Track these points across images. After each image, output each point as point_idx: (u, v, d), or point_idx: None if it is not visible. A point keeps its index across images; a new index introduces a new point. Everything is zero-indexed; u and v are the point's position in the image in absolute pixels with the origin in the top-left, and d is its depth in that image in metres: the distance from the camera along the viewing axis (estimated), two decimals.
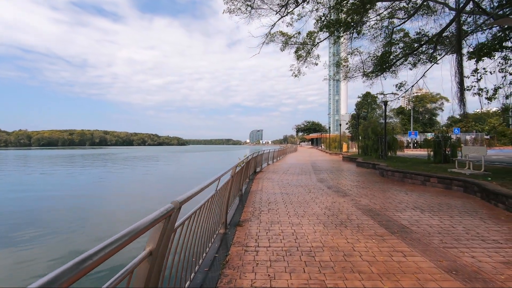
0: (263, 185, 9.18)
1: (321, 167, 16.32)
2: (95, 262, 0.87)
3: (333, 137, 50.66)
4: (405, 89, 13.64)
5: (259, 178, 11.21)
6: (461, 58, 8.16)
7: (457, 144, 13.43)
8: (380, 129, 18.35)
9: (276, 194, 7.59)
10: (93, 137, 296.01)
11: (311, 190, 8.10)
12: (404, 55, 13.59)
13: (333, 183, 9.64)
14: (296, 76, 15.62)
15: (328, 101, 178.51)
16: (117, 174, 25.81)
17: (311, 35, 15.65)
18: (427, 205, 6.08)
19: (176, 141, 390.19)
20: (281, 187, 8.72)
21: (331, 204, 6.21)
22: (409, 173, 9.52)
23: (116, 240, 1.01)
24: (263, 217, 5.19)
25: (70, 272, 0.77)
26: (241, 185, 7.44)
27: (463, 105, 8.38)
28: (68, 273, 0.77)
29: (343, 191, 7.89)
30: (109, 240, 0.98)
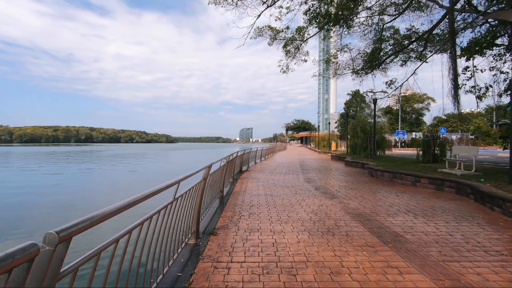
0: (247, 186, 8.63)
1: (309, 166, 15.92)
2: None
3: (322, 136, 50.58)
4: (395, 86, 13.36)
5: (244, 177, 10.65)
6: (455, 53, 7.83)
7: (446, 143, 13.24)
8: (369, 127, 18.09)
9: (260, 196, 7.06)
10: (78, 134, 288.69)
11: (298, 192, 7.61)
12: (395, 52, 13.29)
13: (321, 183, 9.19)
14: (285, 72, 15.11)
15: (318, 100, 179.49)
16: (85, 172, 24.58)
17: (300, 30, 15.17)
18: (420, 208, 5.67)
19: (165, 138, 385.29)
20: (266, 188, 8.19)
21: (318, 208, 5.72)
22: (399, 173, 9.17)
23: None
24: (242, 223, 4.64)
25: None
26: (222, 186, 6.88)
27: (457, 103, 8.07)
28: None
29: (331, 193, 7.43)
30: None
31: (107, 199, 12.61)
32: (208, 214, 5.08)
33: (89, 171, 25.33)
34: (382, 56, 13.52)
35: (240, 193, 7.36)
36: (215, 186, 5.92)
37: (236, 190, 7.84)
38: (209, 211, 5.21)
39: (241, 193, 7.44)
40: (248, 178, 10.41)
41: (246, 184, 9.06)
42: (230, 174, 9.59)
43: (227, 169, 7.79)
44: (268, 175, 11.35)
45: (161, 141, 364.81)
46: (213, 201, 5.90)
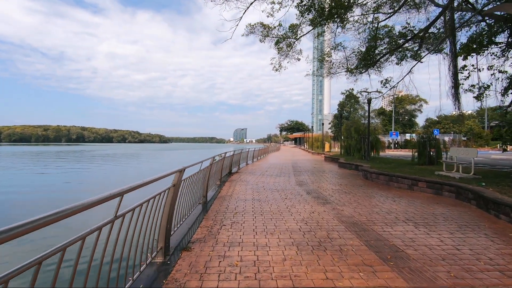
0: (235, 189, 8.06)
1: (302, 167, 15.43)
2: None
3: (316, 137, 50.30)
4: (390, 85, 12.95)
5: (233, 180, 10.08)
6: (455, 49, 7.41)
7: (442, 145, 12.89)
8: (363, 128, 17.70)
9: (247, 201, 6.50)
10: (69, 133, 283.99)
11: (288, 196, 7.07)
12: (390, 51, 12.88)
13: (313, 186, 8.68)
14: (277, 70, 14.60)
15: (312, 101, 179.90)
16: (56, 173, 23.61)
17: (293, 28, 14.70)
18: (420, 216, 5.18)
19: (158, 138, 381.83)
20: (254, 192, 7.64)
21: (309, 216, 5.18)
22: (395, 176, 8.71)
23: None
24: (222, 235, 4.08)
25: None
26: (205, 190, 6.30)
27: (457, 102, 7.64)
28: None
29: (324, 197, 6.91)
30: None
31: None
32: (185, 223, 4.50)
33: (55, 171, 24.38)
34: (377, 55, 13.12)
35: (225, 198, 6.79)
36: (196, 191, 5.35)
37: (222, 195, 7.27)
38: (186, 220, 4.63)
39: (227, 197, 6.87)
40: (237, 181, 9.84)
41: (234, 187, 8.49)
42: (217, 177, 9.02)
43: (212, 172, 7.23)
44: (258, 178, 10.80)
45: (154, 141, 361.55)
46: (194, 207, 5.33)
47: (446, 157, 12.65)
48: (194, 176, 4.84)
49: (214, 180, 8.41)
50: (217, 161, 8.26)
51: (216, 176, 8.75)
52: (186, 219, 4.63)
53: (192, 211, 5.19)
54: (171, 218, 3.40)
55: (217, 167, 8.34)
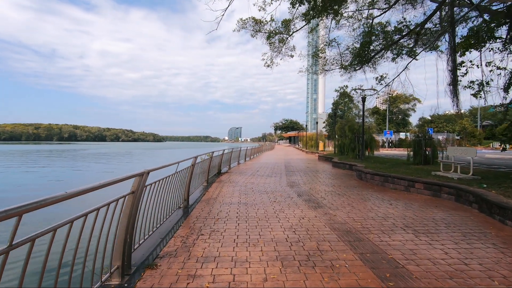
0: (221, 192, 7.54)
1: (295, 167, 14.96)
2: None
3: (310, 136, 49.99)
4: (385, 82, 12.53)
5: (221, 181, 9.56)
6: (454, 42, 6.98)
7: (437, 144, 12.55)
8: (358, 127, 17.31)
9: (232, 205, 5.98)
10: (61, 132, 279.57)
11: (277, 199, 6.57)
12: (385, 47, 12.46)
13: (305, 188, 8.20)
14: (269, 66, 14.09)
15: (306, 100, 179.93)
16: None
17: (286, 23, 14.21)
18: (419, 222, 4.73)
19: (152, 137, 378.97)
20: (242, 195, 7.12)
21: (298, 222, 4.69)
22: (391, 177, 8.29)
23: None
24: (197, 247, 3.56)
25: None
26: (186, 193, 5.78)
27: (456, 98, 7.22)
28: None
29: (316, 200, 6.43)
30: None
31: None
32: (157, 233, 3.97)
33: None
34: (371, 51, 12.68)
35: (209, 201, 6.27)
36: (174, 195, 4.82)
37: (207, 197, 6.74)
38: (160, 228, 4.10)
39: (211, 201, 6.34)
40: (225, 182, 9.32)
41: (221, 189, 7.97)
42: (203, 177, 8.49)
43: (196, 172, 6.69)
44: (248, 178, 10.29)
45: (148, 139, 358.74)
46: (171, 212, 4.80)
47: (442, 156, 12.33)
48: (169, 178, 4.30)
49: (200, 181, 7.88)
50: (201, 161, 7.73)
51: (202, 177, 8.22)
52: (160, 227, 4.10)
53: (169, 216, 4.66)
54: (131, 230, 2.87)
55: (202, 168, 7.81)
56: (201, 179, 8.14)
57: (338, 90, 16.42)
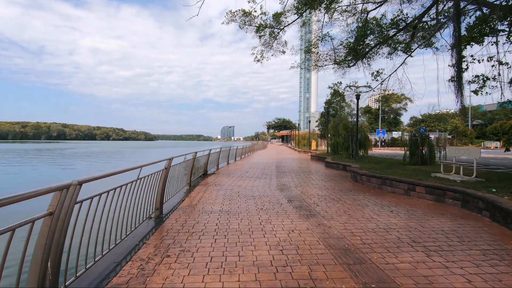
0: (203, 197, 6.77)
1: (287, 167, 14.28)
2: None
3: (303, 135, 49.49)
4: (381, 78, 11.93)
5: (206, 183, 8.79)
6: (459, 32, 6.35)
7: (435, 143, 12.03)
8: (351, 126, 16.73)
9: (212, 213, 5.23)
10: (49, 131, 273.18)
11: (265, 206, 5.84)
12: (381, 42, 11.85)
13: (297, 192, 7.50)
14: (259, 61, 13.36)
15: (299, 99, 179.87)
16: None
17: (277, 17, 13.50)
18: (427, 235, 4.07)
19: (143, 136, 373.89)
20: (225, 200, 6.37)
21: (287, 237, 3.96)
22: (389, 180, 7.65)
23: None
24: (156, 277, 2.79)
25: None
26: (159, 201, 5.00)
27: (460, 93, 6.59)
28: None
29: (308, 207, 5.73)
30: None
31: None
32: (110, 255, 3.19)
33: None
34: (366, 46, 12.06)
35: (187, 209, 5.50)
36: (139, 205, 4.05)
37: (186, 204, 5.96)
38: (117, 247, 3.33)
39: (189, 209, 5.57)
40: (210, 185, 8.55)
41: (204, 193, 7.20)
42: (184, 180, 7.70)
43: (171, 177, 5.91)
44: (235, 180, 9.54)
45: (140, 138, 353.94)
46: (136, 225, 4.03)
47: (439, 156, 11.81)
48: (127, 187, 3.53)
49: (180, 184, 7.10)
50: (183, 162, 6.95)
51: (183, 180, 7.44)
52: (116, 247, 3.33)
53: (132, 231, 3.89)
54: (57, 260, 2.09)
55: (181, 170, 7.01)
56: (182, 182, 7.36)
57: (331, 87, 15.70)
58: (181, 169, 6.90)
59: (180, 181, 7.16)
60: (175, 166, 6.25)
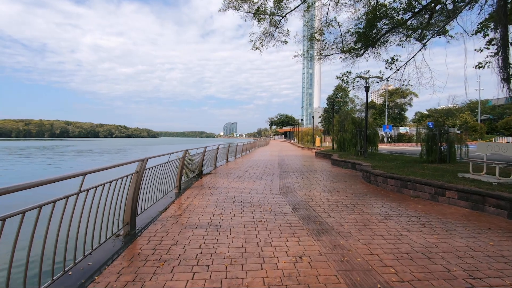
0: (191, 204, 5.71)
1: (290, 166, 13.18)
2: None
3: (306, 131, 48.29)
4: (396, 66, 10.72)
5: (198, 186, 7.73)
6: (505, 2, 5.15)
7: (456, 139, 10.85)
8: (360, 120, 15.56)
9: (198, 228, 4.16)
10: (53, 128, 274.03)
11: (265, 217, 4.76)
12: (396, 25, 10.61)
13: (302, 196, 6.41)
14: (257, 49, 12.21)
15: (302, 95, 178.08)
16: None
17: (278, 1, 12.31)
18: (486, 264, 2.95)
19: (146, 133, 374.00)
20: (217, 209, 5.30)
21: (292, 269, 2.87)
22: (411, 182, 6.52)
23: None
24: None
25: None
26: (129, 215, 3.94)
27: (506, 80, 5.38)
28: None
29: (318, 219, 4.64)
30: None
31: None
32: None
33: None
34: (378, 31, 10.84)
35: (168, 222, 4.43)
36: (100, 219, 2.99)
37: (168, 214, 4.90)
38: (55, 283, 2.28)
39: (170, 221, 4.50)
40: (203, 187, 7.49)
41: (193, 198, 6.13)
42: (173, 183, 6.64)
43: (148, 181, 4.84)
44: (233, 181, 8.47)
45: (142, 135, 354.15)
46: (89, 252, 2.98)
47: (460, 153, 10.66)
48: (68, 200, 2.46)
49: (166, 188, 6.05)
50: (167, 163, 5.88)
51: (170, 183, 6.37)
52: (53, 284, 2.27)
53: (80, 261, 2.83)
54: None
55: (166, 172, 5.93)
56: (169, 185, 6.30)
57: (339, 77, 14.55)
58: (166, 171, 5.82)
59: (167, 185, 6.11)
60: (157, 168, 5.18)
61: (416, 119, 79.02)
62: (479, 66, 8.13)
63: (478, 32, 9.65)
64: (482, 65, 8.11)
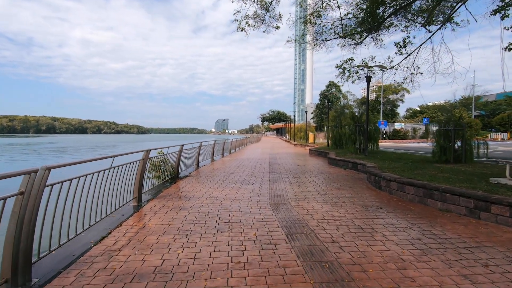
0: (146, 225, 4.09)
1: (282, 166, 11.66)
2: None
3: (299, 127, 46.94)
4: (406, 52, 9.24)
5: (167, 195, 6.11)
6: None
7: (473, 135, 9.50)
8: (359, 115, 14.13)
9: (138, 280, 2.56)
10: (38, 124, 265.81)
11: (245, 252, 3.18)
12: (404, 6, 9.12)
13: (299, 211, 4.86)
14: (243, 30, 10.57)
15: (294, 90, 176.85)
16: None
17: None
18: None
19: (136, 129, 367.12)
20: (179, 236, 3.70)
21: None
22: (439, 191, 5.04)
23: None
24: None
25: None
26: (8, 266, 2.29)
27: None
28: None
29: (324, 256, 3.09)
30: None
31: None
32: None
33: None
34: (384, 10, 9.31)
35: (92, 267, 2.82)
36: None
37: (101, 249, 3.28)
38: None
39: (98, 265, 2.89)
40: (172, 197, 5.87)
41: (153, 216, 4.52)
42: (128, 194, 5.01)
43: (67, 197, 3.23)
44: (213, 188, 6.88)
45: (132, 132, 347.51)
46: None
47: (476, 152, 9.32)
48: None
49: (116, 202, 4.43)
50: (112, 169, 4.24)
51: (122, 195, 4.74)
52: None
53: None
54: None
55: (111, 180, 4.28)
56: (121, 197, 4.68)
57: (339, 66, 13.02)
58: (115, 178, 4.18)
59: (119, 196, 4.49)
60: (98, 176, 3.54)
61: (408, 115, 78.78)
62: (509, 48, 6.74)
63: (498, 12, 8.27)
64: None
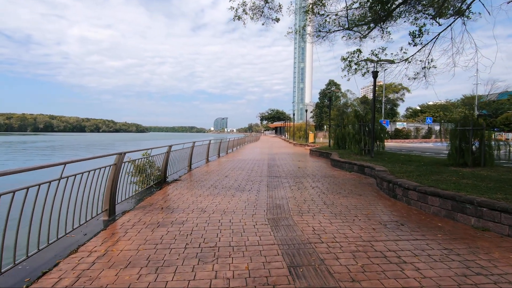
0: (108, 252, 3.19)
1: (282, 167, 10.76)
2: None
3: (298, 126, 46.06)
4: (421, 43, 8.31)
5: (147, 205, 5.20)
6: None
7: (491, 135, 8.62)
8: (364, 113, 13.23)
9: None
10: (36, 122, 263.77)
11: None
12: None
13: (303, 231, 3.96)
14: (240, 19, 9.67)
15: (293, 89, 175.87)
16: None
17: None
18: None
19: (135, 128, 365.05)
20: (147, 271, 2.80)
21: None
22: (474, 204, 4.15)
23: None
24: None
25: None
26: None
27: None
28: None
29: None
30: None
31: None
32: None
33: None
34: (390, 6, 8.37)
35: None
36: None
37: None
38: None
39: None
40: (152, 209, 4.96)
41: (122, 237, 3.62)
42: (98, 204, 4.09)
43: None
44: (202, 195, 5.98)
45: (131, 130, 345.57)
46: None
47: (497, 154, 8.45)
48: None
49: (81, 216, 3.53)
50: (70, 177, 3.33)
51: (93, 206, 3.83)
52: None
53: None
54: None
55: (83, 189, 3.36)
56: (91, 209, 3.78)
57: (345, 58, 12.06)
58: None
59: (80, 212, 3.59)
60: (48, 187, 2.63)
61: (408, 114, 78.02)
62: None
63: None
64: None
